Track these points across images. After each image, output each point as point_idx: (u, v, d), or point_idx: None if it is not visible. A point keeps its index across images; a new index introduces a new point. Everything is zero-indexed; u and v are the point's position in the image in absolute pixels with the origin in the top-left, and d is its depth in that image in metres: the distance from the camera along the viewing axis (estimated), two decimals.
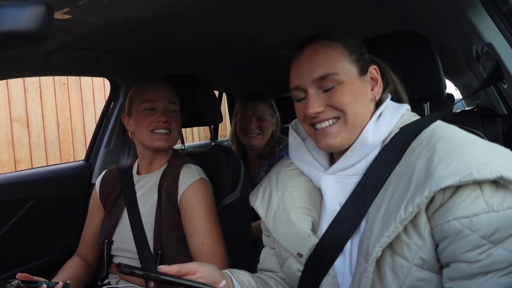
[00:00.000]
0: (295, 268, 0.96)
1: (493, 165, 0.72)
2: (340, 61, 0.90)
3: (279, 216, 0.99)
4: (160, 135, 1.39)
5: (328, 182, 0.94)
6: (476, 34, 1.07)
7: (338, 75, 0.89)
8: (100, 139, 2.04)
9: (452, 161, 0.75)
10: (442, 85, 1.15)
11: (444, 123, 0.89)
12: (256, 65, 2.27)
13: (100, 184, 1.56)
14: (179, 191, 1.36)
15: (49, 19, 0.70)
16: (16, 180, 1.74)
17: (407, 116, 0.93)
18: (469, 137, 0.81)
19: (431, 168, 0.76)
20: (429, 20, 1.55)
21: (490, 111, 2.32)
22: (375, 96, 0.94)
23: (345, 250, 0.88)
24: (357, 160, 0.91)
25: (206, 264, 0.92)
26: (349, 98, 0.89)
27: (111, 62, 1.68)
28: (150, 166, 1.47)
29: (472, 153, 0.75)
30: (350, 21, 1.58)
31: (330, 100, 0.89)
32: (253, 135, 2.12)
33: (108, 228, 1.43)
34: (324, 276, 0.90)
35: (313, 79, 0.90)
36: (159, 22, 1.31)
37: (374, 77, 0.95)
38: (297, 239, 0.94)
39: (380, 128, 0.90)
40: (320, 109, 0.89)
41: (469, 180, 0.71)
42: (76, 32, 1.18)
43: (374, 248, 0.78)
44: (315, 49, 0.92)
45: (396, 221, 0.76)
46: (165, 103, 1.40)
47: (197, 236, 1.32)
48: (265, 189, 1.06)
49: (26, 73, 1.66)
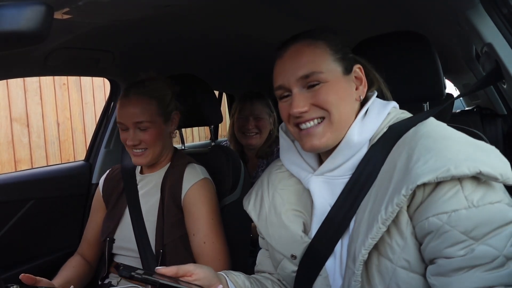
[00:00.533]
0: (290, 269, 0.96)
1: (472, 161, 0.71)
2: (325, 59, 0.89)
3: (270, 219, 0.98)
4: (136, 153, 1.38)
5: (317, 183, 0.93)
6: (476, 34, 1.07)
7: (322, 74, 0.88)
8: (100, 139, 2.04)
9: (431, 157, 0.74)
10: (441, 85, 1.15)
11: (434, 120, 0.87)
12: (256, 65, 2.27)
13: (103, 182, 1.56)
14: (183, 190, 1.37)
15: (49, 19, 0.70)
16: (16, 180, 1.74)
17: (394, 114, 0.92)
18: (452, 134, 0.80)
19: (409, 165, 0.76)
20: (429, 20, 1.55)
21: (490, 111, 2.33)
22: (359, 95, 0.93)
23: (336, 251, 0.88)
24: (343, 161, 0.90)
25: (203, 266, 0.91)
26: (334, 97, 0.88)
27: (111, 62, 1.68)
28: (152, 166, 1.47)
29: (452, 149, 0.75)
30: (350, 21, 1.58)
31: (314, 99, 0.88)
32: (251, 134, 2.13)
33: (110, 226, 1.43)
34: (317, 277, 0.90)
35: (297, 78, 0.89)
36: (159, 22, 1.31)
37: (359, 76, 0.94)
38: (290, 241, 0.94)
39: (365, 126, 0.89)
40: (304, 109, 0.88)
41: (447, 176, 0.70)
42: (76, 32, 1.18)
43: (360, 251, 0.78)
44: (299, 48, 0.91)
45: (378, 222, 0.75)
46: (131, 124, 1.36)
47: (199, 235, 1.32)
48: (257, 192, 1.06)
49: (26, 73, 1.66)
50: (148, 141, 1.36)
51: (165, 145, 1.44)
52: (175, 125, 1.47)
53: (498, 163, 0.72)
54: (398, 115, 0.91)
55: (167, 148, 1.47)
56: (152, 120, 1.36)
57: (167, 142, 1.45)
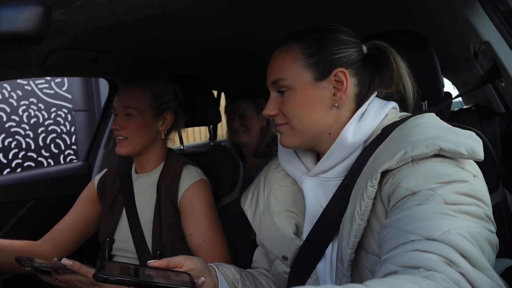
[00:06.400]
0: (282, 270, 0.95)
1: (432, 140, 0.70)
2: (292, 66, 0.89)
3: (264, 219, 0.98)
4: (118, 141, 1.38)
5: (309, 185, 0.93)
6: (473, 33, 1.07)
7: (286, 81, 0.89)
8: (99, 140, 2.04)
9: (393, 145, 0.74)
10: (440, 83, 1.16)
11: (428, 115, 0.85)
12: (255, 65, 2.27)
13: (99, 179, 1.55)
14: (179, 192, 1.36)
15: (47, 20, 0.70)
16: (16, 181, 1.74)
17: (392, 115, 0.90)
18: (428, 122, 0.79)
19: (377, 157, 0.76)
20: (426, 18, 1.55)
21: (487, 109, 2.33)
22: (336, 102, 0.88)
23: (326, 254, 0.87)
24: (336, 162, 0.89)
25: (193, 257, 0.93)
26: (295, 106, 0.89)
27: (109, 63, 1.68)
28: (144, 167, 1.47)
29: (418, 133, 0.74)
30: (347, 20, 1.57)
31: (281, 105, 0.90)
32: (239, 132, 2.19)
33: (109, 226, 1.43)
34: (308, 279, 0.89)
35: (269, 83, 0.93)
36: (158, 22, 1.31)
37: (340, 80, 0.88)
38: (281, 242, 0.94)
39: (361, 128, 0.87)
40: (273, 112, 0.92)
41: (405, 159, 0.70)
42: (74, 32, 1.18)
43: (346, 251, 0.77)
44: (275, 53, 0.93)
45: (356, 218, 0.75)
46: (120, 108, 1.37)
47: (197, 235, 1.32)
48: (253, 191, 1.06)
49: (24, 75, 1.66)
50: (130, 129, 1.36)
51: (152, 141, 1.42)
52: (166, 126, 1.45)
53: (466, 140, 0.71)
54: (395, 118, 0.89)
55: (156, 147, 1.45)
56: (140, 109, 1.37)
57: (154, 139, 1.43)
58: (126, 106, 1.36)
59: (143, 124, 1.37)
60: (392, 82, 0.93)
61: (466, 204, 0.66)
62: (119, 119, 1.37)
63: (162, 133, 1.45)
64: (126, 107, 1.36)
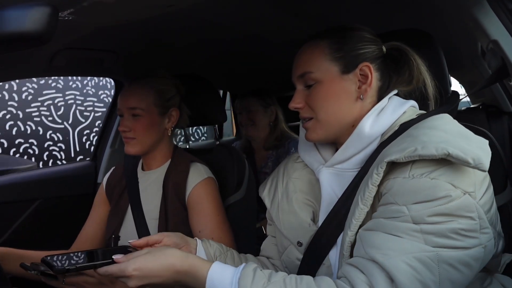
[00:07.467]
0: (295, 256, 0.98)
1: (443, 144, 0.70)
2: (319, 59, 0.92)
3: (282, 205, 1.02)
4: (126, 141, 1.39)
5: (326, 175, 0.96)
6: (481, 31, 1.06)
7: (313, 74, 0.92)
8: (106, 139, 2.06)
9: (405, 141, 0.76)
10: (447, 82, 1.15)
11: (446, 115, 0.86)
12: (260, 65, 2.27)
13: (107, 179, 1.57)
14: (187, 189, 1.37)
15: (54, 20, 0.71)
16: (23, 180, 1.75)
17: (410, 113, 0.92)
18: (444, 125, 0.80)
19: (388, 149, 0.78)
20: (433, 17, 1.54)
21: (495, 109, 2.30)
22: (361, 94, 0.92)
23: (338, 242, 0.90)
24: (353, 153, 0.91)
25: (171, 233, 0.98)
26: (322, 98, 0.91)
27: (115, 62, 1.68)
28: (151, 164, 1.48)
29: (432, 135, 0.75)
30: (354, 19, 1.57)
31: (309, 98, 0.93)
32: (247, 126, 2.33)
33: (114, 223, 1.44)
34: (320, 266, 0.92)
35: (296, 77, 0.96)
36: (163, 21, 1.31)
37: (365, 74, 0.92)
38: (298, 228, 0.97)
39: (378, 121, 0.90)
40: (299, 105, 0.95)
41: (414, 156, 0.71)
42: (80, 33, 1.19)
43: (346, 233, 0.80)
44: (303, 48, 0.96)
45: (359, 203, 0.78)
46: (125, 109, 1.38)
47: (206, 232, 1.32)
48: (272, 180, 1.10)
49: (31, 74, 1.67)
50: (138, 130, 1.37)
51: (159, 139, 1.43)
52: (172, 122, 1.46)
53: (475, 149, 0.71)
54: (412, 116, 0.91)
55: (163, 144, 1.46)
56: (147, 109, 1.37)
57: (162, 137, 1.44)
58: (132, 107, 1.37)
59: (150, 124, 1.38)
60: (412, 79, 0.96)
61: (435, 224, 0.69)
62: (126, 121, 1.37)
63: (168, 130, 1.46)
64: (132, 108, 1.37)
